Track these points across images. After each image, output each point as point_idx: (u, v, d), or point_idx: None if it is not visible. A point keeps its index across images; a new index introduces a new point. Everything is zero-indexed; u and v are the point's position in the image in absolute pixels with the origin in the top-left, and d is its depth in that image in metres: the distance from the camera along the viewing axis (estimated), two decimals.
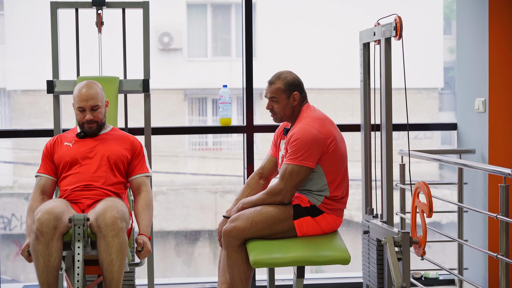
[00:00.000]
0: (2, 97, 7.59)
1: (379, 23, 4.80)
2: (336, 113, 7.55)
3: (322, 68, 7.80)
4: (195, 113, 8.19)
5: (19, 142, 7.48)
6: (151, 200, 4.43)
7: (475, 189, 5.41)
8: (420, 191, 4.21)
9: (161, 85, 8.11)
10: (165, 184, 8.08)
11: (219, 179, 8.13)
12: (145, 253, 4.24)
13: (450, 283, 5.68)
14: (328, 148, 4.39)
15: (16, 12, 7.33)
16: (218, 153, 8.30)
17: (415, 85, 8.05)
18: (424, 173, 7.80)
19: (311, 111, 4.52)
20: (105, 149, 4.42)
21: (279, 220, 4.38)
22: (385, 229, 4.46)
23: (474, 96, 5.46)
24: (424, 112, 8.04)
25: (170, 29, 7.93)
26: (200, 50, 8.16)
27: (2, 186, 7.70)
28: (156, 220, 7.89)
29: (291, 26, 7.85)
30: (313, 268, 6.86)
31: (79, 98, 4.36)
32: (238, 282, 4.41)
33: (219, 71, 7.92)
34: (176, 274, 7.53)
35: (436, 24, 7.46)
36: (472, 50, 5.51)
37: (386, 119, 4.63)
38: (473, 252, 5.43)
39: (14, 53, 7.32)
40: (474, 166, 4.67)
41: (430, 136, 7.94)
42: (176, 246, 7.63)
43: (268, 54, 7.82)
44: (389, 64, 4.60)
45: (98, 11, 4.91)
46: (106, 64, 5.10)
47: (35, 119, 7.42)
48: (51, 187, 4.43)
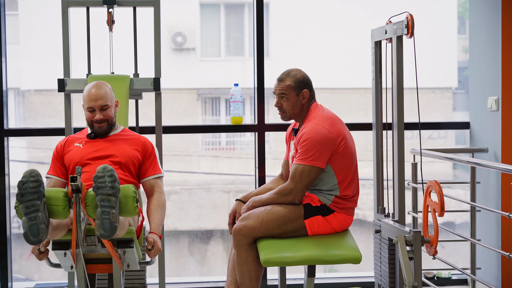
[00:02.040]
0: (16, 96, 7.62)
1: (391, 21, 4.79)
2: (349, 112, 7.52)
3: (335, 68, 7.78)
4: (208, 113, 8.19)
5: (33, 142, 7.50)
6: (163, 201, 4.43)
7: (487, 188, 5.38)
8: (431, 190, 4.18)
9: (174, 84, 8.11)
10: (178, 183, 8.08)
11: (232, 178, 8.12)
12: (155, 251, 4.23)
13: (463, 283, 5.65)
14: (338, 147, 4.37)
15: (29, 12, 7.36)
16: (231, 152, 8.29)
17: (429, 85, 8.02)
18: (438, 173, 7.76)
19: (319, 110, 4.50)
20: (115, 151, 4.41)
21: (290, 220, 4.37)
22: (396, 228, 4.43)
23: (487, 94, 5.43)
24: (438, 111, 8.01)
25: (183, 28, 7.93)
26: (213, 50, 8.16)
27: (15, 185, 7.73)
28: (169, 220, 7.90)
29: (304, 26, 7.84)
30: (326, 268, 6.85)
31: (89, 98, 4.37)
32: (248, 281, 4.40)
33: (232, 71, 7.91)
34: (189, 274, 7.53)
35: (450, 23, 7.43)
36: (485, 48, 5.48)
37: (398, 117, 4.61)
38: (486, 252, 5.40)
39: (28, 52, 7.34)
40: (487, 165, 4.64)
41: (444, 136, 7.90)
42: (189, 246, 7.63)
43: (281, 54, 7.81)
44: (401, 62, 4.58)
45: (109, 9, 4.91)
46: (118, 62, 5.11)
47: (49, 119, 7.43)
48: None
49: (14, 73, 7.44)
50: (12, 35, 7.30)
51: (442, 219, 7.33)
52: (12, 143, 7.25)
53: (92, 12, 5.04)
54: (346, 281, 5.69)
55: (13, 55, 7.32)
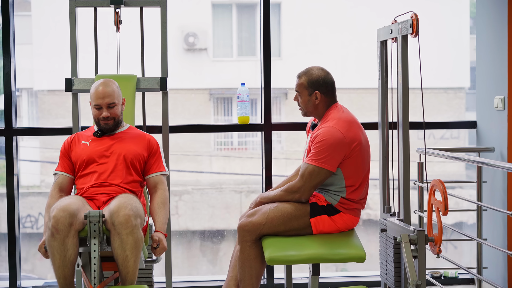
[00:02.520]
0: (30, 97, 7.68)
1: (396, 21, 4.79)
2: (362, 112, 7.53)
3: (348, 68, 7.80)
4: (220, 113, 8.23)
5: (46, 142, 7.56)
6: (167, 198, 4.45)
7: (494, 188, 5.36)
8: (436, 189, 4.18)
9: (186, 85, 8.15)
10: (190, 183, 8.12)
11: (244, 178, 8.15)
12: (161, 250, 4.27)
13: (469, 282, 5.64)
14: (352, 152, 4.35)
15: (42, 13, 7.42)
16: (243, 152, 8.32)
17: (442, 85, 8.01)
18: (451, 173, 7.76)
19: (339, 112, 4.46)
20: (121, 148, 4.44)
21: (295, 217, 4.38)
22: (401, 227, 4.44)
23: (493, 94, 5.42)
24: (451, 111, 8.01)
25: (196, 29, 7.97)
26: (225, 50, 8.20)
27: (29, 185, 7.79)
28: (181, 220, 7.94)
29: (317, 26, 7.86)
30: (338, 267, 6.86)
31: (96, 96, 4.40)
32: (248, 278, 4.40)
33: (244, 71, 7.94)
34: (202, 273, 7.56)
35: (463, 23, 7.43)
36: (491, 48, 5.47)
37: (403, 117, 4.61)
38: (492, 251, 5.39)
39: (41, 53, 7.41)
40: (493, 164, 4.63)
41: (457, 136, 7.90)
42: (201, 246, 7.67)
43: (294, 54, 7.83)
44: (406, 61, 4.58)
45: (116, 9, 4.95)
46: (126, 63, 5.14)
47: (62, 119, 7.50)
48: (68, 185, 4.47)
49: (27, 73, 7.50)
50: (25, 35, 7.37)
51: (455, 219, 7.33)
52: (25, 143, 7.31)
53: (101, 12, 5.08)
54: (353, 280, 5.69)
55: (26, 55, 7.39)
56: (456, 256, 7.36)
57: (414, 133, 5.57)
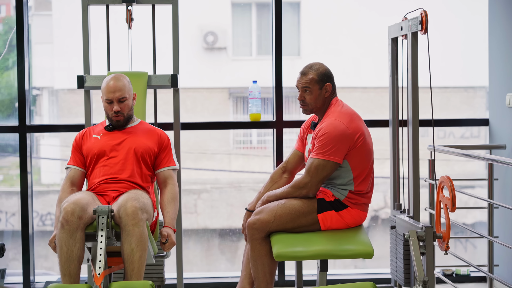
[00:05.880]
0: (50, 95, 7.76)
1: (406, 18, 4.79)
2: (381, 111, 7.52)
3: (367, 67, 7.78)
4: (239, 112, 8.24)
5: (66, 140, 7.62)
6: (176, 193, 4.48)
7: (506, 185, 5.34)
8: (444, 186, 4.18)
9: (206, 83, 8.18)
10: (209, 182, 8.15)
11: (263, 177, 8.16)
12: (170, 245, 4.30)
13: (481, 280, 5.62)
14: (356, 143, 4.37)
15: (63, 13, 7.49)
16: (261, 151, 8.33)
17: (462, 84, 7.97)
18: (471, 172, 7.71)
19: (339, 105, 4.50)
20: (132, 142, 4.48)
21: (303, 214, 4.38)
22: (410, 224, 4.43)
23: (505, 91, 5.40)
24: (471, 110, 7.96)
25: (215, 28, 8.00)
26: (244, 49, 8.21)
27: (50, 183, 7.86)
28: (200, 218, 7.97)
29: (336, 25, 7.85)
30: (358, 265, 6.85)
31: (107, 90, 4.45)
32: (262, 275, 4.42)
33: (264, 70, 7.95)
34: (220, 271, 7.58)
35: (483, 21, 7.38)
36: (503, 45, 5.45)
37: (413, 114, 4.62)
38: (504, 249, 5.37)
39: (62, 52, 7.48)
40: (504, 162, 4.60)
41: (477, 135, 7.85)
42: (220, 244, 7.69)
43: (313, 53, 7.84)
44: (416, 58, 4.59)
45: (128, 7, 4.99)
46: (140, 60, 5.19)
47: (82, 117, 7.56)
48: (80, 179, 4.51)
49: (48, 72, 7.57)
50: (46, 35, 7.44)
51: (472, 218, 7.29)
52: (45, 141, 7.38)
53: (114, 10, 5.13)
54: (364, 277, 5.68)
55: (47, 54, 7.46)
56: (475, 254, 7.32)
57: (429, 130, 5.56)
